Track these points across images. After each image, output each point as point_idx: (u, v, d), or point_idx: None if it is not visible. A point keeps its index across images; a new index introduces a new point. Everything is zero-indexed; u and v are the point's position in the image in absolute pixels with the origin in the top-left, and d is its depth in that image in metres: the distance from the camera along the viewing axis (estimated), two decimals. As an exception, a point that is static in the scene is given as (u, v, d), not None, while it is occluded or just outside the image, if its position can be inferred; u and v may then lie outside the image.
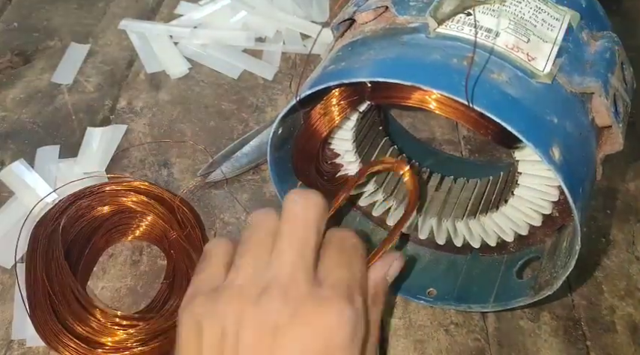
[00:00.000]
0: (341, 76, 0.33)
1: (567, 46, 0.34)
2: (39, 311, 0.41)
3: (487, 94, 0.30)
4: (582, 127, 0.33)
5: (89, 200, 0.46)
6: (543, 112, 0.31)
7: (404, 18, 0.34)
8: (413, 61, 0.32)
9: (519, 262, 0.41)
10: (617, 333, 0.45)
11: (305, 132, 0.39)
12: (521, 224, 0.40)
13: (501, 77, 0.31)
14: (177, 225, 0.46)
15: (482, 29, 0.33)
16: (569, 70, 0.33)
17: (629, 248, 0.50)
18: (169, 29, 0.65)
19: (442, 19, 0.33)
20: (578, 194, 0.31)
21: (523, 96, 0.31)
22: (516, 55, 0.32)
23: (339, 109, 0.37)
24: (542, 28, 0.34)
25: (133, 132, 0.56)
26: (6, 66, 0.61)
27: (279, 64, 0.63)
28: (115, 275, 0.46)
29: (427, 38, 0.33)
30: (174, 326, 0.41)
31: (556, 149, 0.30)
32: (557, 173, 0.30)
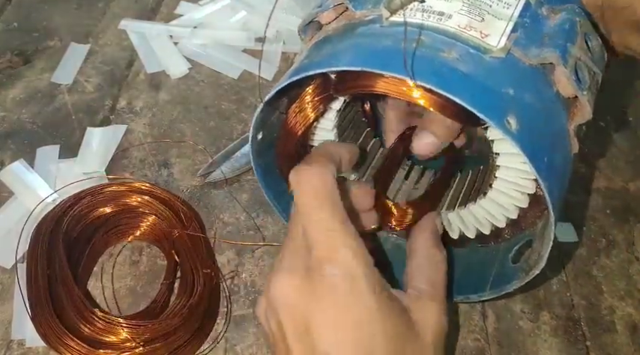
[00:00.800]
0: (298, 72, 0.34)
1: (524, 21, 0.34)
2: (39, 311, 0.41)
3: (436, 72, 0.31)
4: (544, 98, 0.34)
5: (89, 200, 0.47)
6: (497, 85, 0.32)
7: (361, 12, 0.36)
8: (364, 48, 0.34)
9: (515, 248, 0.42)
10: (617, 333, 0.45)
11: (283, 132, 0.40)
12: (510, 207, 0.40)
13: (451, 55, 0.32)
14: (178, 225, 0.46)
15: (435, 13, 0.34)
16: (525, 43, 0.34)
17: (629, 248, 0.50)
18: (169, 29, 0.65)
19: (395, 9, 0.34)
20: (543, 162, 0.32)
21: (474, 71, 0.32)
22: (469, 34, 0.33)
23: (312, 106, 0.38)
24: (498, 7, 0.35)
25: (133, 132, 0.56)
26: (6, 66, 0.61)
27: (279, 64, 0.63)
28: (115, 276, 0.46)
29: (381, 27, 0.34)
30: (175, 327, 0.41)
31: (512, 119, 0.31)
32: (514, 142, 0.30)
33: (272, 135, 0.41)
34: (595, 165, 0.56)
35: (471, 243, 0.44)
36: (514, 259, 0.41)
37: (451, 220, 0.44)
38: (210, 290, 0.44)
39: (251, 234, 0.49)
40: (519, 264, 0.40)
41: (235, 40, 0.64)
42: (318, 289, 0.30)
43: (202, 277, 0.44)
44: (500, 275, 0.41)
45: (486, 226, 0.42)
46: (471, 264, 0.44)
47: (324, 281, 0.30)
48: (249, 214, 0.50)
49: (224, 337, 0.43)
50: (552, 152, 0.33)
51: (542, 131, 0.33)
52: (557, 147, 0.34)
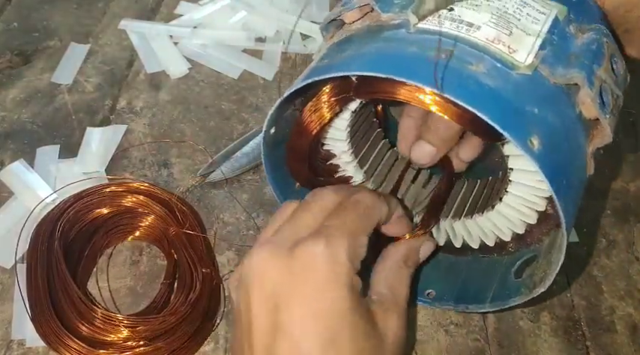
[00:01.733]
0: (321, 73, 0.34)
1: (552, 38, 0.34)
2: (39, 311, 0.41)
3: (462, 84, 0.31)
4: (567, 119, 0.33)
5: (89, 200, 0.46)
6: (522, 102, 0.32)
7: (387, 15, 0.35)
8: (390, 54, 0.33)
9: (518, 262, 0.41)
10: (616, 333, 0.45)
11: (296, 129, 0.39)
12: (517, 222, 0.40)
13: (479, 68, 0.32)
14: (177, 225, 0.46)
15: (463, 23, 0.34)
16: (552, 61, 0.33)
17: (629, 248, 0.50)
18: (169, 29, 0.65)
19: (424, 15, 0.34)
20: (562, 185, 0.31)
21: (501, 86, 0.31)
22: (496, 47, 0.33)
23: (329, 106, 0.37)
24: (526, 22, 0.34)
25: (133, 132, 0.56)
26: (6, 66, 0.61)
27: (279, 64, 0.63)
28: (114, 276, 0.46)
29: (407, 33, 0.34)
30: (175, 324, 0.41)
31: (535, 139, 0.30)
32: (535, 162, 0.30)
33: (284, 130, 0.41)
34: (595, 165, 0.56)
35: (474, 253, 0.44)
36: (517, 274, 0.41)
37: (456, 229, 0.44)
38: (210, 290, 0.44)
39: (251, 234, 0.49)
40: (522, 280, 0.40)
41: (235, 40, 0.64)
42: (297, 266, 0.30)
43: (201, 276, 0.44)
44: (501, 288, 0.41)
45: (491, 238, 0.42)
46: (472, 273, 0.44)
47: (305, 259, 0.30)
48: (249, 214, 0.50)
49: (224, 337, 0.43)
50: (570, 173, 0.33)
51: (562, 152, 0.33)
52: (575, 169, 0.34)
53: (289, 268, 0.30)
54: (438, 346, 0.43)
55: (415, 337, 0.44)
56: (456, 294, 0.43)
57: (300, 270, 0.30)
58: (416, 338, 0.44)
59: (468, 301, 0.42)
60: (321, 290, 0.30)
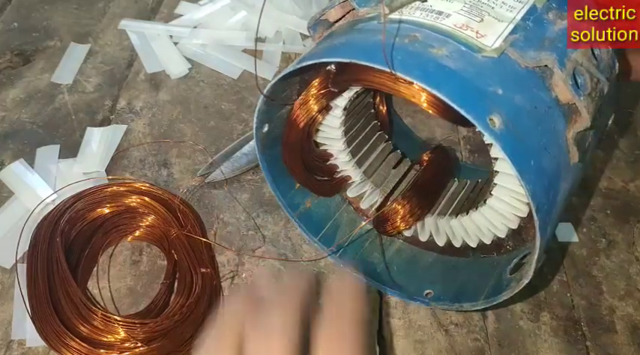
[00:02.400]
0: (295, 65, 0.35)
1: (526, 24, 0.34)
2: (40, 311, 0.41)
3: (421, 66, 0.31)
4: (539, 102, 0.33)
5: (89, 201, 0.47)
6: (485, 83, 0.32)
7: (364, 9, 0.37)
8: (356, 42, 0.34)
9: (514, 260, 0.41)
10: (617, 333, 0.45)
11: (288, 124, 0.40)
12: (509, 216, 0.40)
13: (441, 51, 0.32)
14: (177, 225, 0.46)
15: (434, 12, 0.34)
16: (523, 46, 0.34)
17: (629, 248, 0.50)
18: (169, 29, 0.65)
19: (396, 7, 0.35)
20: (528, 164, 0.32)
21: (463, 68, 0.32)
22: (464, 33, 0.33)
23: (316, 98, 0.39)
24: (500, 10, 0.35)
25: (133, 132, 0.56)
26: (6, 66, 0.61)
27: (279, 64, 0.63)
28: (115, 276, 0.46)
29: (378, 24, 0.35)
30: (174, 326, 0.41)
31: (496, 118, 0.30)
32: (495, 140, 0.30)
33: (280, 129, 0.41)
34: (595, 165, 0.56)
35: (475, 253, 0.44)
36: (512, 271, 0.41)
37: (454, 228, 0.44)
38: (210, 289, 0.44)
39: (251, 234, 0.49)
40: (514, 276, 0.40)
41: (235, 40, 0.64)
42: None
43: (201, 277, 0.44)
44: (496, 285, 0.41)
45: (488, 235, 0.42)
46: (471, 274, 0.44)
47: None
48: (249, 214, 0.50)
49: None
50: (542, 156, 0.33)
51: (530, 134, 0.33)
52: (548, 152, 0.34)
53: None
54: (438, 346, 0.43)
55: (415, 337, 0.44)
56: (453, 294, 0.43)
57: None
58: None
59: (463, 300, 0.42)
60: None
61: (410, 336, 0.44)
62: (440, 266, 0.46)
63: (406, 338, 0.44)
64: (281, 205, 0.45)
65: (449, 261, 0.46)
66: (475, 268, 0.44)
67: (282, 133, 0.41)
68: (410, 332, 0.44)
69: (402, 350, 0.43)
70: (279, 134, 0.41)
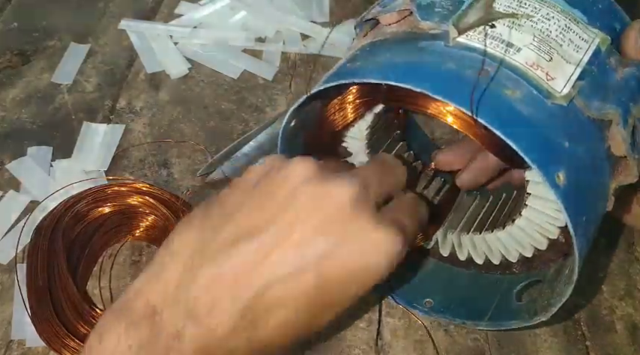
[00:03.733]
0: (353, 75, 0.33)
1: (591, 69, 0.33)
2: (39, 311, 0.41)
3: (496, 109, 0.30)
4: (596, 154, 0.32)
5: (89, 201, 0.47)
6: (554, 134, 0.31)
7: (426, 24, 0.34)
8: (426, 68, 0.32)
9: (521, 284, 0.41)
10: (616, 333, 0.45)
11: (319, 125, 0.39)
12: (527, 246, 0.39)
13: (515, 94, 0.30)
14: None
15: (504, 43, 0.32)
16: (589, 94, 0.32)
17: (629, 248, 0.50)
18: (169, 29, 0.65)
19: (464, 29, 0.32)
20: (581, 222, 0.31)
21: (535, 115, 0.30)
22: (535, 73, 0.31)
23: (354, 107, 0.37)
24: (568, 49, 0.33)
25: (133, 132, 0.56)
26: (6, 66, 0.61)
27: (279, 64, 0.63)
28: (114, 276, 0.46)
29: (445, 46, 0.33)
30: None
31: (562, 174, 0.29)
32: (559, 198, 0.29)
33: (302, 122, 0.40)
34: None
35: (478, 269, 0.44)
36: (518, 296, 0.40)
37: (462, 242, 0.43)
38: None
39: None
40: (524, 304, 0.39)
41: (235, 40, 0.64)
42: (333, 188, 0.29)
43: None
44: (501, 308, 0.40)
45: (497, 257, 0.41)
46: (472, 288, 0.43)
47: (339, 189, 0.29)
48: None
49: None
50: (591, 211, 0.32)
51: (587, 189, 0.32)
52: (596, 206, 0.33)
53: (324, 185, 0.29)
54: (438, 346, 0.43)
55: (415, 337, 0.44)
56: (454, 307, 0.42)
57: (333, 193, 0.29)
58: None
59: (466, 316, 0.41)
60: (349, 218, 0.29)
61: (410, 336, 0.44)
62: (441, 274, 0.45)
63: (406, 338, 0.44)
64: None
65: (449, 270, 0.45)
66: (477, 283, 0.43)
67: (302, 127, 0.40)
68: (410, 332, 0.44)
69: (403, 350, 0.43)
70: (300, 128, 0.40)
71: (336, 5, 0.70)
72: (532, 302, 0.39)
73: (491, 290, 0.42)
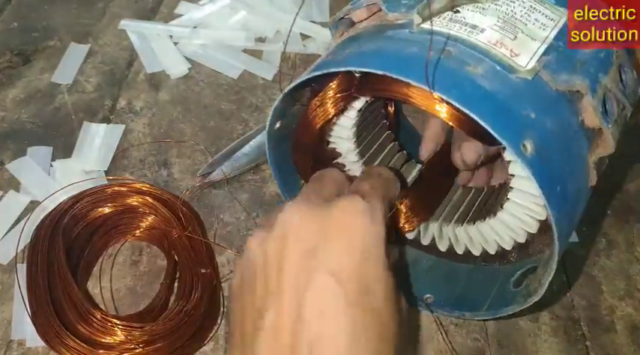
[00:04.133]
0: (319, 68, 0.34)
1: (558, 44, 0.34)
2: (39, 311, 0.41)
3: (457, 84, 0.30)
4: (567, 126, 0.33)
5: (89, 201, 0.47)
6: (519, 106, 0.31)
7: (393, 15, 0.36)
8: (388, 52, 0.33)
9: (518, 272, 0.41)
10: (616, 333, 0.45)
11: (301, 123, 0.40)
12: (518, 230, 0.40)
13: (477, 70, 0.31)
14: (177, 226, 0.46)
15: (468, 25, 0.33)
16: (555, 68, 0.33)
17: (629, 248, 0.50)
18: (169, 29, 0.65)
19: (428, 16, 0.34)
20: (555, 191, 0.31)
21: (497, 88, 0.31)
22: (498, 51, 0.32)
23: (334, 101, 0.37)
24: (534, 27, 0.34)
25: (133, 132, 0.56)
26: (6, 66, 0.61)
27: (279, 64, 0.63)
28: (114, 276, 0.46)
29: (410, 33, 0.34)
30: (175, 328, 0.41)
31: (529, 143, 0.30)
32: (527, 167, 0.30)
33: (290, 125, 0.41)
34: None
35: (476, 261, 0.44)
36: (516, 284, 0.41)
37: (458, 235, 0.44)
38: (210, 290, 0.44)
39: (251, 234, 0.49)
40: (520, 289, 0.40)
41: (235, 40, 0.64)
42: (337, 214, 0.30)
43: (201, 278, 0.44)
44: (499, 297, 0.40)
45: (492, 246, 0.42)
46: (472, 281, 0.44)
47: (346, 208, 0.30)
48: (249, 214, 0.50)
49: (224, 337, 0.43)
50: (567, 181, 0.33)
51: (558, 159, 0.32)
52: (572, 177, 0.33)
53: (328, 218, 0.30)
54: (438, 346, 0.43)
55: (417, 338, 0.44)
56: (454, 301, 0.43)
57: (340, 221, 0.30)
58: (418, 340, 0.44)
59: (465, 308, 0.42)
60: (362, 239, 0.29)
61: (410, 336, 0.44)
62: (440, 270, 0.45)
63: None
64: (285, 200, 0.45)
65: (449, 265, 0.45)
66: (476, 276, 0.44)
67: (291, 131, 0.41)
68: (410, 332, 0.44)
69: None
70: (289, 131, 0.41)
71: (336, 5, 0.70)
72: (526, 287, 0.39)
73: (490, 282, 0.42)
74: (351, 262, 0.29)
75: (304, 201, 0.32)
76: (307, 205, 0.31)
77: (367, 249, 0.29)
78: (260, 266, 0.30)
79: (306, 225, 0.30)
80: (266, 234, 0.31)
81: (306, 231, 0.30)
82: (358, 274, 0.29)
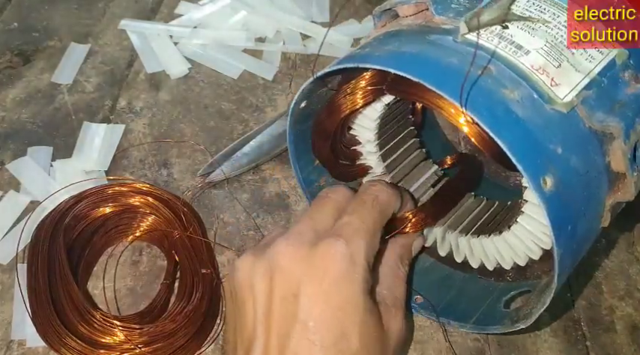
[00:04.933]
0: (357, 60, 0.33)
1: (601, 80, 0.32)
2: (40, 311, 0.41)
3: (490, 107, 0.30)
4: (592, 166, 0.32)
5: (89, 201, 0.46)
6: (547, 139, 0.30)
7: (440, 18, 0.34)
8: (428, 59, 0.32)
9: (511, 293, 0.41)
10: (616, 333, 0.45)
11: (327, 107, 0.39)
12: (521, 254, 0.39)
13: (513, 94, 0.30)
14: (178, 226, 0.46)
15: (513, 44, 0.32)
16: (593, 104, 0.32)
17: (629, 248, 0.50)
18: (169, 29, 0.65)
19: (475, 26, 0.32)
20: (565, 230, 0.30)
21: (530, 118, 0.30)
22: (539, 77, 0.31)
23: (363, 93, 0.37)
24: (580, 58, 0.33)
25: (133, 132, 0.56)
26: (6, 66, 0.61)
27: (279, 64, 0.63)
28: (114, 276, 0.46)
29: (453, 41, 0.33)
30: (177, 328, 0.41)
31: (549, 178, 0.29)
32: (542, 202, 0.29)
33: (315, 106, 0.40)
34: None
35: (472, 272, 0.44)
36: (506, 303, 0.40)
37: (460, 244, 0.43)
38: (210, 290, 0.44)
39: (251, 234, 0.49)
40: (510, 311, 0.39)
41: (235, 40, 0.64)
42: (318, 262, 0.32)
43: (201, 278, 0.44)
44: (487, 313, 0.40)
45: (492, 262, 0.42)
46: (464, 291, 0.43)
47: (326, 256, 0.32)
48: (249, 214, 0.50)
49: (224, 337, 0.43)
50: (579, 221, 0.32)
51: (576, 198, 0.31)
52: (585, 218, 0.33)
53: (311, 263, 0.32)
54: (438, 346, 0.43)
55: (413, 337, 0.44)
56: (443, 307, 0.42)
57: (321, 267, 0.32)
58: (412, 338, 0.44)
59: (452, 316, 0.41)
60: (339, 287, 0.31)
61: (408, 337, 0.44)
62: (436, 273, 0.45)
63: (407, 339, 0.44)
64: (297, 179, 0.45)
65: (443, 270, 0.45)
66: (470, 286, 0.43)
67: (314, 111, 0.40)
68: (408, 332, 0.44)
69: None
70: (312, 111, 0.40)
71: (336, 5, 0.70)
72: (516, 310, 0.39)
73: (482, 295, 0.42)
74: (328, 309, 0.31)
75: (295, 238, 0.33)
76: (295, 246, 0.33)
77: (344, 295, 0.31)
78: (249, 299, 0.33)
79: (291, 268, 0.32)
80: (254, 261, 0.33)
81: (291, 275, 0.32)
82: (334, 321, 0.31)
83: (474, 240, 0.43)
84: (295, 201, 0.51)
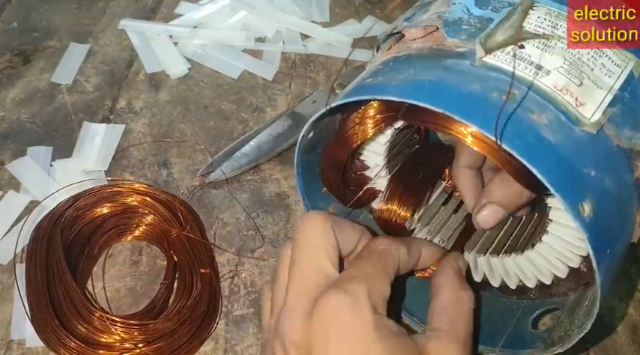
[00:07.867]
0: (375, 92, 0.32)
1: (623, 95, 0.31)
2: (39, 311, 0.41)
3: (521, 135, 0.28)
4: (623, 185, 0.31)
5: (89, 201, 0.46)
6: (581, 163, 0.29)
7: (452, 41, 0.33)
8: (450, 87, 0.30)
9: (537, 311, 0.39)
10: (617, 333, 0.45)
11: (337, 138, 0.37)
12: (546, 272, 0.38)
13: (541, 119, 0.29)
14: (177, 225, 0.46)
15: (533, 65, 0.31)
16: (620, 121, 0.31)
17: (629, 248, 0.50)
18: (169, 29, 0.65)
19: (491, 48, 0.31)
20: (605, 255, 0.29)
21: (561, 142, 0.29)
22: (563, 98, 0.30)
23: (375, 122, 0.35)
24: (600, 73, 0.31)
25: (133, 132, 0.56)
26: (6, 66, 0.61)
27: (279, 64, 0.63)
28: (114, 276, 0.46)
29: (471, 66, 0.31)
30: (174, 327, 0.41)
31: (587, 204, 0.28)
32: (583, 230, 0.27)
33: (320, 134, 0.38)
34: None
35: (493, 291, 0.42)
36: (534, 323, 0.39)
37: (478, 263, 0.42)
38: (210, 290, 0.44)
39: (251, 234, 0.49)
40: (540, 332, 0.38)
41: (235, 40, 0.64)
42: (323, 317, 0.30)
43: (200, 278, 0.44)
44: (516, 334, 0.39)
45: (514, 281, 0.40)
46: (487, 311, 0.41)
47: (328, 311, 0.30)
48: (248, 214, 0.50)
49: (224, 337, 0.43)
50: (616, 243, 0.31)
51: (613, 221, 0.30)
52: (622, 238, 0.32)
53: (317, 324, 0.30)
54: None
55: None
56: None
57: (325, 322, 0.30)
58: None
59: (480, 340, 0.39)
60: (350, 338, 0.29)
61: (410, 336, 0.44)
62: None
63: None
64: (305, 208, 0.43)
65: None
66: (493, 305, 0.41)
67: (319, 139, 0.38)
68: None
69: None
70: (319, 140, 0.38)
71: (336, 5, 0.70)
72: (548, 331, 0.37)
73: (507, 315, 0.40)
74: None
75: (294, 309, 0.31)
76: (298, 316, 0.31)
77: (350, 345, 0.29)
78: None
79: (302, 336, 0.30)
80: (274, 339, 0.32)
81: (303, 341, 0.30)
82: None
83: (493, 259, 0.41)
84: (295, 201, 0.51)
